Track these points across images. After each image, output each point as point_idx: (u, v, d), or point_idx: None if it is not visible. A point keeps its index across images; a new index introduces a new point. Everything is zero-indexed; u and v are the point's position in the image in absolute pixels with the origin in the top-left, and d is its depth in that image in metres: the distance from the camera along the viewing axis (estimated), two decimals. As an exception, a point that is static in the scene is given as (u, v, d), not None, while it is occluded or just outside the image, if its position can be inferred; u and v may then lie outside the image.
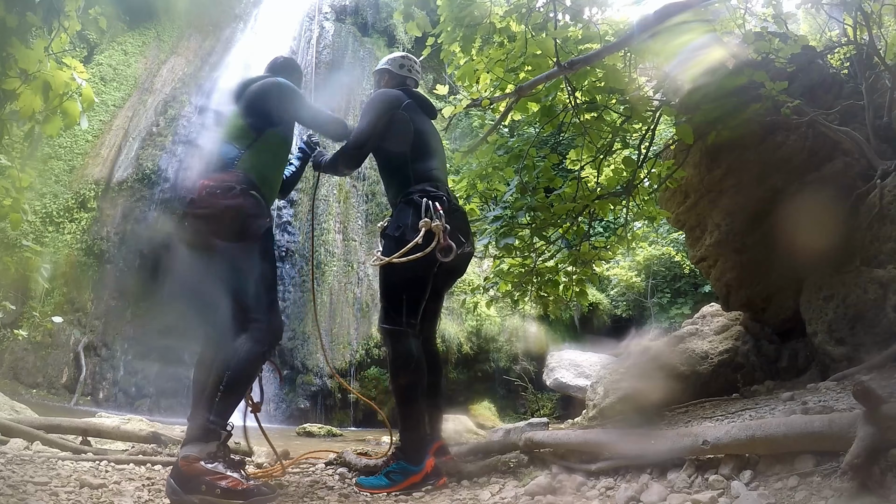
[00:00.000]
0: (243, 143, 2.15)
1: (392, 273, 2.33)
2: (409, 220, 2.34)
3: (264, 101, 2.21)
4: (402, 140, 2.49)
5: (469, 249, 2.55)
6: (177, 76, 10.89)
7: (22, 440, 2.69)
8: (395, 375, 2.28)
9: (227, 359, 1.92)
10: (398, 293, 2.34)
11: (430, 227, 2.26)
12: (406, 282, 2.33)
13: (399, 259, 2.24)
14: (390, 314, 2.34)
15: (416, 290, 2.35)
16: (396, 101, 2.53)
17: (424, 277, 2.35)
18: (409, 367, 2.26)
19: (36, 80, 2.34)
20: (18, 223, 3.14)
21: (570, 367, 8.14)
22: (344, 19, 13.28)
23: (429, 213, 2.30)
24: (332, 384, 8.17)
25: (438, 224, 2.27)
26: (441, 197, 2.40)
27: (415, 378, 2.26)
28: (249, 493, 1.78)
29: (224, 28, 12.04)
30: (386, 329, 2.34)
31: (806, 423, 1.45)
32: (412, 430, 2.26)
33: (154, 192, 9.13)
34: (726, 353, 3.97)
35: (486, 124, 5.11)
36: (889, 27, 4.20)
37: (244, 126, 2.19)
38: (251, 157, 2.14)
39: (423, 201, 2.33)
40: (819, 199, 3.17)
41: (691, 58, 3.03)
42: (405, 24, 3.30)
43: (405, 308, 2.31)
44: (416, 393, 2.27)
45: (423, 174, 2.48)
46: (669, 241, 10.47)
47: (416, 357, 2.28)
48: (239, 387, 1.94)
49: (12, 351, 7.48)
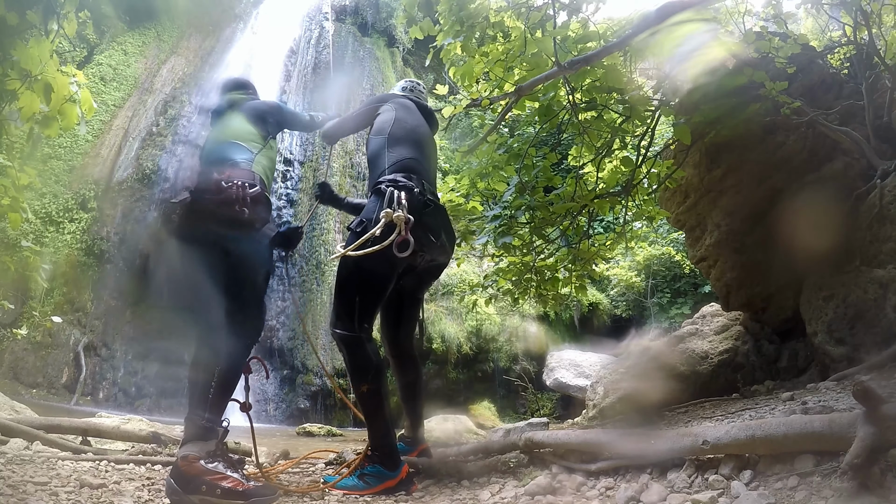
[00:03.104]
0: (255, 147, 2.27)
1: (346, 269, 2.17)
2: (374, 214, 2.17)
3: (273, 115, 2.43)
4: (382, 128, 2.45)
5: (444, 248, 2.39)
6: (177, 76, 10.89)
7: (22, 440, 2.69)
8: (357, 384, 2.13)
9: (217, 355, 1.93)
10: (350, 292, 2.17)
11: (392, 217, 2.09)
12: (360, 280, 2.16)
13: (353, 252, 2.06)
14: (342, 316, 2.16)
15: (370, 290, 2.18)
16: (385, 96, 2.59)
17: (382, 276, 2.18)
18: (368, 373, 2.12)
19: (38, 81, 2.33)
20: (18, 223, 3.13)
21: (570, 367, 8.14)
22: (344, 19, 13.30)
23: (391, 204, 2.14)
24: (332, 384, 8.18)
25: (400, 215, 2.09)
26: (410, 188, 2.23)
27: (376, 384, 2.13)
28: (249, 494, 1.78)
29: (224, 28, 12.05)
30: (338, 334, 2.16)
31: (806, 423, 1.45)
32: (383, 437, 2.15)
33: (154, 192, 9.14)
34: (726, 353, 3.97)
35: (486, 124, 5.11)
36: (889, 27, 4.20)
37: (254, 131, 2.31)
38: (261, 161, 2.25)
39: (389, 190, 2.18)
40: (819, 199, 3.17)
41: (691, 57, 3.03)
42: (408, 28, 3.31)
43: (358, 310, 2.14)
44: (380, 398, 2.15)
45: (399, 164, 2.32)
46: (669, 241, 10.47)
47: (375, 362, 2.14)
48: (228, 382, 1.95)
49: (12, 351, 7.48)
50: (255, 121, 2.35)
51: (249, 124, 2.33)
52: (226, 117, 2.40)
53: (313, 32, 12.66)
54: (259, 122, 2.35)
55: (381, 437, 2.17)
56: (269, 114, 2.41)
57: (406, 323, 2.52)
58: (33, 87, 2.33)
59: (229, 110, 2.42)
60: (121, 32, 10.71)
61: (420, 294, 2.60)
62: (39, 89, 2.35)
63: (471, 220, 3.92)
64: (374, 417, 2.17)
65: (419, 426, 2.57)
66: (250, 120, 2.35)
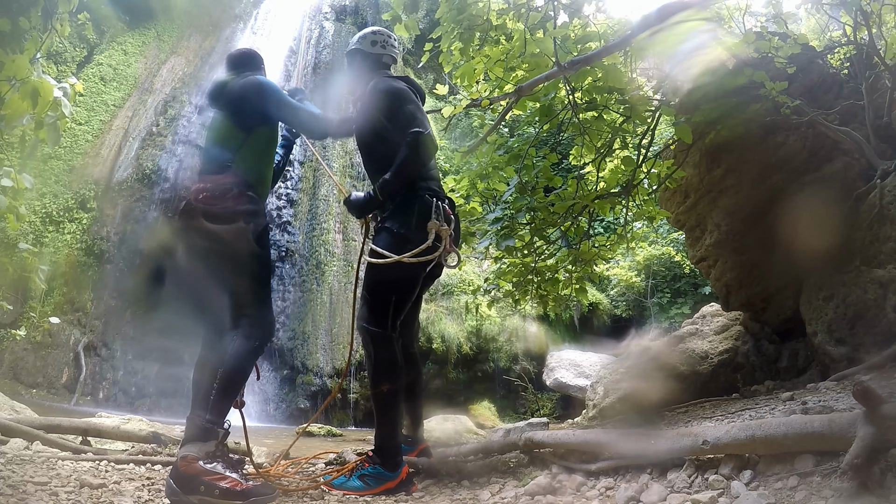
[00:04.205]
0: (234, 145, 2.14)
1: (385, 272, 2.21)
2: (413, 219, 2.23)
3: (248, 100, 2.18)
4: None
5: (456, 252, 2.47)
6: (177, 76, 10.89)
7: (22, 440, 2.68)
8: (377, 382, 2.18)
9: (220, 356, 1.92)
10: (387, 294, 2.23)
11: (439, 229, 2.19)
12: (398, 283, 2.23)
13: (410, 259, 2.14)
14: (376, 315, 2.22)
15: (406, 293, 2.26)
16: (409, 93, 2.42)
17: (416, 280, 2.27)
18: (392, 373, 2.17)
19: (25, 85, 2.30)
20: (15, 226, 3.13)
21: (570, 367, 8.14)
22: (344, 19, 13.29)
23: (438, 216, 2.21)
24: (332, 384, 8.18)
25: (446, 228, 2.20)
26: (446, 198, 2.32)
27: (397, 385, 2.18)
28: (248, 494, 1.77)
29: (224, 28, 12.04)
30: (370, 332, 2.21)
31: (806, 423, 1.45)
32: (389, 437, 2.19)
33: (154, 192, 9.13)
34: (726, 353, 3.97)
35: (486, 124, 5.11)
36: (890, 27, 4.20)
37: (232, 127, 2.17)
38: (244, 158, 2.14)
39: (434, 202, 2.24)
40: (819, 199, 3.18)
41: (691, 57, 3.03)
42: (392, 26, 3.28)
43: (392, 310, 2.21)
44: (397, 400, 2.20)
45: (427, 172, 2.36)
46: (669, 241, 10.47)
47: (399, 363, 2.20)
48: (233, 384, 1.94)
49: (12, 351, 7.48)
50: (232, 112, 2.18)
51: (225, 118, 2.19)
52: (212, 111, 2.29)
53: (313, 32, 12.66)
54: (235, 113, 2.17)
55: (387, 437, 2.19)
56: (245, 100, 2.16)
57: (410, 323, 2.54)
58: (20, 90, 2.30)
59: (215, 100, 2.27)
60: (121, 32, 10.70)
61: (422, 294, 2.62)
62: (26, 93, 2.32)
63: (470, 221, 3.92)
64: (385, 417, 2.20)
65: (419, 426, 2.58)
66: (227, 112, 2.20)
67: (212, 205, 2.01)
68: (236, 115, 2.18)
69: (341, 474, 2.17)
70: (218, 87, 2.27)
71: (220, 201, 2.01)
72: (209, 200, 2.01)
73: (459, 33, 3.17)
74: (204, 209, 2.01)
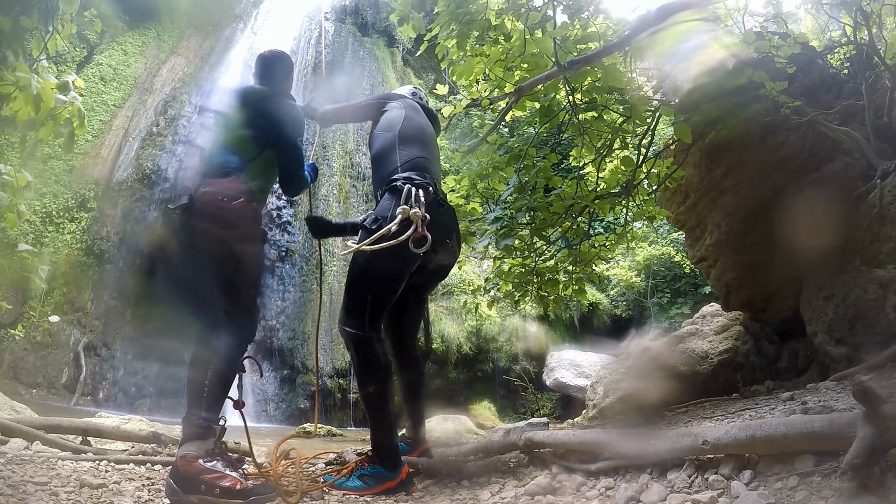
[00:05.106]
0: (247, 156, 2.14)
1: (358, 267, 2.16)
2: (388, 211, 2.16)
3: (276, 125, 2.18)
4: (392, 124, 2.43)
5: (453, 249, 2.42)
6: (177, 76, 10.89)
7: (22, 440, 2.68)
8: (363, 384, 2.14)
9: (210, 354, 1.94)
10: (363, 289, 2.15)
11: (409, 214, 2.08)
12: (374, 276, 2.15)
13: (368, 247, 2.05)
14: (353, 314, 2.15)
15: (383, 288, 2.17)
16: (392, 94, 2.54)
17: (395, 275, 2.17)
18: (376, 374, 2.12)
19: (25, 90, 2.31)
20: (15, 223, 3.13)
21: (570, 367, 8.14)
22: (344, 19, 13.29)
23: (409, 201, 2.12)
24: (332, 384, 8.18)
25: (417, 212, 2.08)
26: (426, 186, 2.23)
27: (383, 385, 2.13)
28: (248, 493, 1.77)
29: (224, 28, 12.03)
30: (349, 333, 2.15)
31: (806, 423, 1.45)
32: (385, 437, 2.16)
33: (154, 192, 9.13)
34: (726, 353, 3.97)
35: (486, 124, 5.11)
36: (890, 27, 4.20)
37: (249, 138, 2.16)
38: (253, 170, 2.14)
39: (406, 188, 2.17)
40: (819, 199, 3.17)
41: (691, 57, 3.03)
42: (399, 26, 3.29)
43: (369, 308, 2.13)
44: (386, 399, 2.15)
45: (411, 162, 2.32)
46: (669, 241, 10.47)
47: (383, 363, 2.14)
48: (222, 380, 1.95)
49: (12, 351, 7.48)
50: (254, 126, 2.17)
51: (244, 127, 2.17)
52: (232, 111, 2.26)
53: (313, 32, 12.65)
54: (258, 129, 2.16)
55: (384, 437, 2.17)
56: (272, 124, 2.17)
57: (410, 323, 2.52)
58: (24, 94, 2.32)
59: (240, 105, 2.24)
60: (121, 32, 10.69)
61: (425, 294, 2.60)
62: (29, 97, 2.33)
63: (470, 221, 3.92)
64: (378, 418, 2.17)
65: (421, 426, 2.56)
66: (247, 122, 2.18)
67: (218, 208, 2.02)
68: (258, 131, 2.16)
69: (341, 476, 2.17)
70: (248, 94, 2.28)
71: (226, 206, 2.02)
72: (216, 204, 2.02)
73: (456, 29, 3.16)
74: (209, 212, 2.02)
